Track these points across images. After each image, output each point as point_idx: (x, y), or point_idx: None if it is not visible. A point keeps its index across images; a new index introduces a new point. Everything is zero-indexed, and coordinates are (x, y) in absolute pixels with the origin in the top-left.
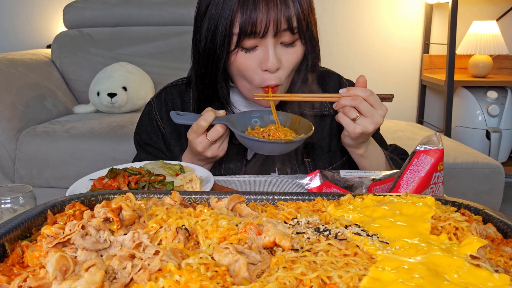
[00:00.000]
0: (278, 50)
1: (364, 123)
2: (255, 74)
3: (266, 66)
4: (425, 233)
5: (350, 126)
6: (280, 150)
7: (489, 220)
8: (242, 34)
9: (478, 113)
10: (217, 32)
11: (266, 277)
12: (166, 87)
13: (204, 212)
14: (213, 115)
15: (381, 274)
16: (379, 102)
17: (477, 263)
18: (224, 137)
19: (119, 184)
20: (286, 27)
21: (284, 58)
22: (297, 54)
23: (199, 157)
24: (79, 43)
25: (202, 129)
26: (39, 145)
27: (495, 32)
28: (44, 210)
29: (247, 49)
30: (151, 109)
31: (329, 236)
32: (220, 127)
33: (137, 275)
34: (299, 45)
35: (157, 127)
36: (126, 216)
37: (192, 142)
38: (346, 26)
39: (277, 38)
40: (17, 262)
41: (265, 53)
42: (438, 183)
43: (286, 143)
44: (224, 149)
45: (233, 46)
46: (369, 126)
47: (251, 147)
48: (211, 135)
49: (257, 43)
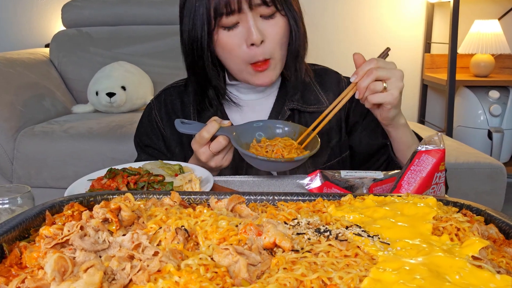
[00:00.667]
0: (259, 24)
1: (394, 84)
2: (241, 51)
3: (251, 40)
4: (426, 234)
5: (388, 97)
6: (280, 168)
7: (491, 221)
8: (218, 13)
9: (480, 112)
10: (197, 17)
11: (266, 278)
12: (166, 88)
13: (203, 212)
14: (217, 126)
15: (382, 275)
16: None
17: (479, 264)
18: (227, 149)
19: (118, 185)
20: (259, 2)
21: (267, 31)
22: (279, 25)
23: (204, 166)
24: (77, 42)
25: (205, 141)
26: (37, 145)
27: (497, 31)
28: (43, 210)
29: (229, 28)
30: (151, 110)
31: (330, 237)
32: (222, 139)
33: (136, 276)
34: (279, 16)
35: (157, 128)
36: (125, 216)
37: (196, 151)
38: (347, 25)
39: (255, 11)
40: (15, 263)
41: (246, 27)
42: (439, 183)
43: (287, 162)
44: (229, 160)
45: (213, 26)
46: (398, 83)
47: (251, 163)
48: (214, 147)
49: (237, 19)
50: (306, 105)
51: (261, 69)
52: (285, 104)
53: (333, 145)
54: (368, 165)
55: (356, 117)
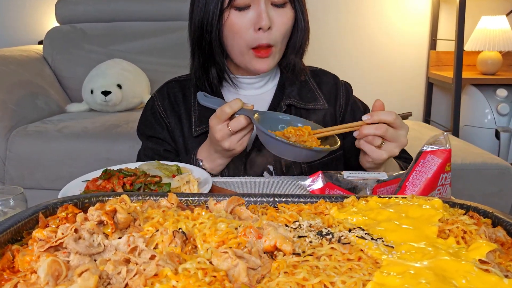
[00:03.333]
0: (269, 11)
1: (390, 148)
2: (247, 33)
3: (259, 24)
4: (432, 237)
5: (375, 153)
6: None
7: (499, 223)
8: None
9: (487, 111)
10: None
11: (266, 282)
12: (168, 82)
13: (202, 215)
14: (240, 104)
15: (386, 280)
16: (403, 122)
17: (486, 268)
18: (245, 131)
19: (114, 186)
20: None
21: (275, 19)
22: (288, 17)
23: (216, 148)
24: (72, 39)
25: (226, 116)
26: (30, 145)
27: (505, 27)
28: (36, 212)
29: (240, 8)
30: (154, 102)
31: (332, 239)
32: (243, 118)
33: (132, 280)
34: (289, 7)
35: (161, 118)
36: (121, 219)
37: (212, 128)
38: (351, 22)
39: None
40: (7, 267)
41: (257, 11)
42: (445, 184)
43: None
44: (243, 145)
45: (226, 4)
46: (395, 150)
47: (267, 145)
48: (233, 125)
49: (249, 1)
50: (303, 102)
51: (262, 55)
52: (282, 100)
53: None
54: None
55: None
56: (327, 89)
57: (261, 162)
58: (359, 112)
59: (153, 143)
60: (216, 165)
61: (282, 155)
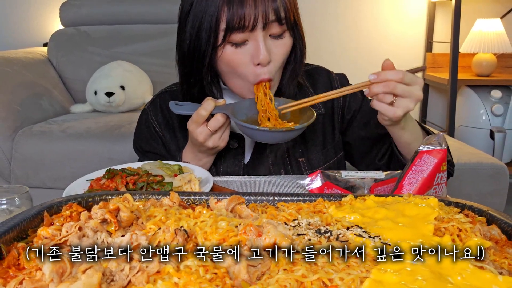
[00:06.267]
0: (268, 43)
1: (404, 104)
2: (247, 69)
3: (258, 60)
4: (428, 235)
5: (390, 111)
6: (281, 139)
7: (493, 222)
8: (230, 29)
9: (482, 112)
10: (202, 29)
11: (266, 279)
12: (159, 93)
13: (203, 213)
14: (213, 104)
15: (383, 276)
16: (414, 77)
17: (481, 265)
18: (225, 127)
19: (117, 185)
20: (274, 18)
21: (274, 51)
22: (286, 46)
23: (200, 149)
24: (76, 41)
25: (202, 119)
26: (35, 145)
27: (499, 30)
28: (41, 211)
29: (237, 45)
30: (147, 116)
31: (331, 237)
32: (220, 116)
33: (135, 277)
34: (287, 36)
35: (156, 133)
36: (124, 217)
37: (192, 132)
38: (348, 24)
39: (266, 30)
40: (13, 264)
41: (255, 46)
42: (441, 183)
43: (288, 131)
44: (225, 140)
45: (220, 41)
46: (410, 104)
47: (251, 136)
48: (212, 125)
49: (246, 37)
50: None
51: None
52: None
53: (328, 147)
54: (370, 159)
55: (350, 114)
56: (322, 89)
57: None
58: (357, 99)
59: (150, 158)
60: (202, 164)
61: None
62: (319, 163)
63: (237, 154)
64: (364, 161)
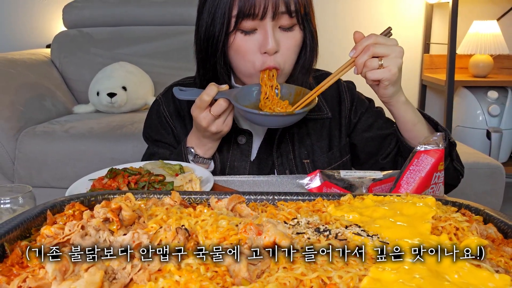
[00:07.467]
0: (276, 34)
1: (392, 61)
2: (254, 56)
3: (265, 48)
4: (425, 234)
5: (385, 73)
6: (281, 123)
7: (490, 220)
8: (241, 15)
9: (479, 113)
10: (217, 15)
11: (266, 277)
12: (173, 84)
13: (204, 212)
14: (216, 90)
15: (381, 275)
16: (386, 38)
17: (477, 263)
18: (228, 112)
19: (119, 184)
20: (284, 10)
21: (282, 43)
22: (295, 39)
23: (204, 134)
24: (78, 43)
25: (206, 104)
26: (38, 145)
27: (496, 31)
28: (44, 210)
29: (246, 32)
30: (159, 106)
31: (329, 236)
32: (223, 101)
33: (136, 275)
34: (297, 30)
35: (167, 123)
36: (126, 216)
37: (196, 118)
38: (347, 25)
39: (276, 21)
40: (16, 263)
41: (264, 35)
42: (438, 183)
43: (288, 115)
44: (229, 124)
45: (232, 27)
46: (398, 59)
47: (253, 120)
48: (215, 110)
49: (256, 25)
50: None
51: None
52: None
53: (333, 150)
54: (374, 159)
55: (356, 118)
56: (330, 95)
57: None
58: (364, 105)
59: (160, 147)
60: (207, 149)
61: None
62: (323, 165)
63: (245, 150)
64: (369, 161)
